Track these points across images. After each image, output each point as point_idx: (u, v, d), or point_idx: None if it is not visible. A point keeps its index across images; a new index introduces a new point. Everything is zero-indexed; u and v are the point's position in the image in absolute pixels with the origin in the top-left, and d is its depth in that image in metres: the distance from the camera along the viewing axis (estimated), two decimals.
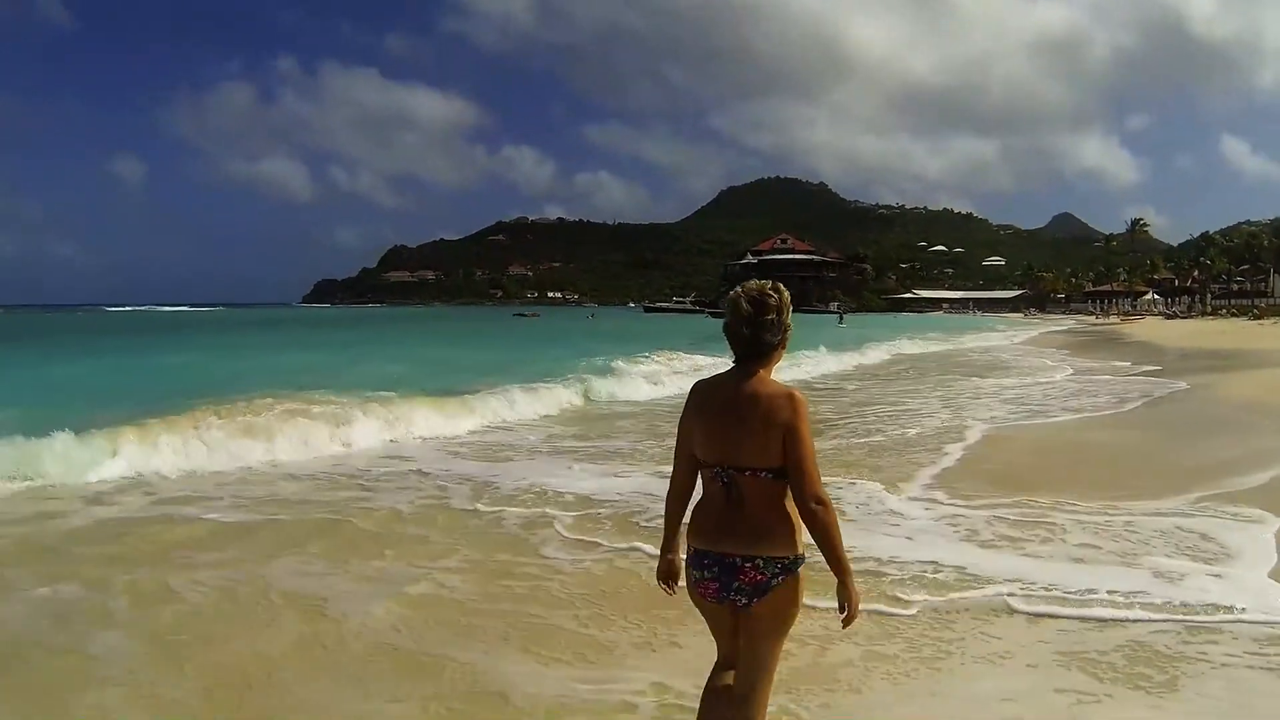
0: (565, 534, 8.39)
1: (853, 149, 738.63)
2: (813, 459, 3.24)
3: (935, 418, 16.99)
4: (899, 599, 6.37)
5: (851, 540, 6.19)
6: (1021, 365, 33.42)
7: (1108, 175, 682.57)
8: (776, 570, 3.28)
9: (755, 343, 3.33)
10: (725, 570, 3.31)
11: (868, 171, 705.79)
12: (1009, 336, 62.13)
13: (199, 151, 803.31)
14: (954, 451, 12.94)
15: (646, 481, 10.68)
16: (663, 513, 3.68)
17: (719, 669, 3.58)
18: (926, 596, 6.43)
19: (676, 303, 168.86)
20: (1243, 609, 5.99)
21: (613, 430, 15.85)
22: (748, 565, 3.28)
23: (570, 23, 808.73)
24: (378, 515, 9.22)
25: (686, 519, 3.50)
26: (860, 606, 3.41)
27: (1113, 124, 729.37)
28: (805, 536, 3.33)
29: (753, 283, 3.37)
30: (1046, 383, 25.12)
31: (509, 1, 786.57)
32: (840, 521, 3.35)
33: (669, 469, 3.60)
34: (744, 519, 3.27)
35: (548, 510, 9.35)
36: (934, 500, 9.63)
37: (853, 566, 3.42)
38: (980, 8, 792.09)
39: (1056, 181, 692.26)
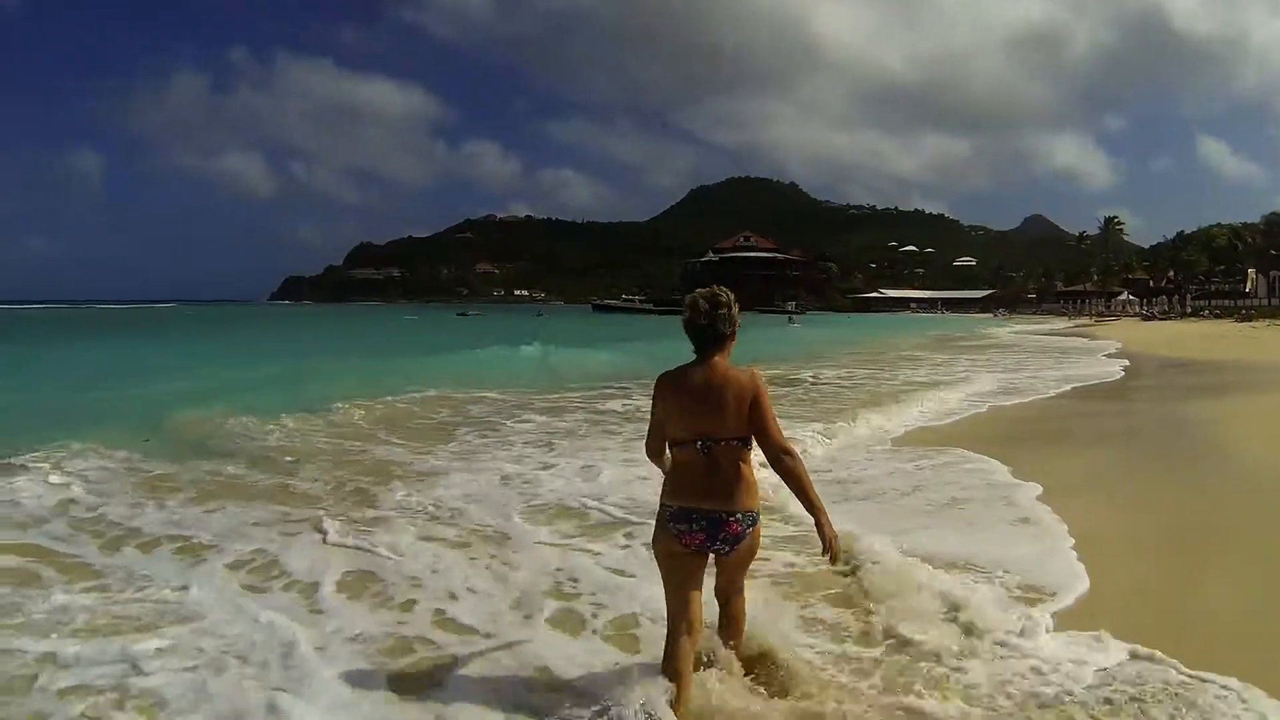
0: None
1: (823, 146, 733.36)
2: (775, 420, 4.08)
3: None
4: None
5: None
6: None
7: (1082, 176, 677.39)
8: (750, 522, 4.12)
9: (713, 335, 4.13)
10: (712, 524, 4.07)
11: (839, 170, 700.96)
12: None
13: (156, 144, 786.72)
14: None
15: None
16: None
17: (675, 635, 4.15)
18: None
19: (625, 301, 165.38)
20: None
21: None
22: (731, 519, 4.07)
23: (528, 10, 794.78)
24: None
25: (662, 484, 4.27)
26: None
27: (1089, 124, 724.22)
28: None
29: (703, 289, 4.16)
30: None
31: None
32: None
33: None
34: (721, 481, 4.06)
35: None
36: None
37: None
38: None
39: (1030, 182, 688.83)
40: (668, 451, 4.29)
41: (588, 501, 8.71)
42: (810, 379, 23.21)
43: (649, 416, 4.40)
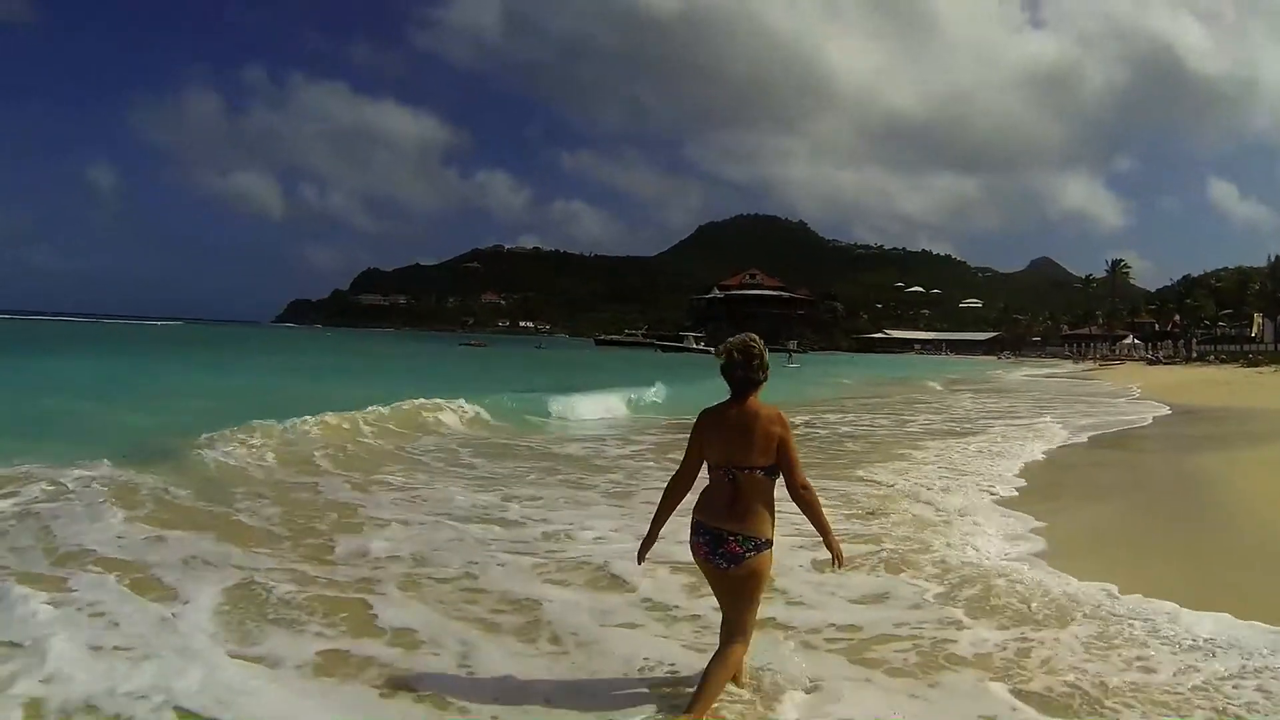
0: None
1: (832, 184, 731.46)
2: (798, 457, 4.72)
3: None
4: None
5: None
6: None
7: (1090, 218, 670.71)
8: (750, 547, 4.61)
9: (747, 380, 4.76)
10: (714, 540, 4.66)
11: (847, 208, 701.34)
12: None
13: (168, 159, 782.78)
14: None
15: None
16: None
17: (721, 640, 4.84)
18: None
19: (628, 336, 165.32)
20: None
21: None
22: (730, 539, 4.61)
23: (541, 35, 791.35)
24: None
25: (692, 500, 4.86)
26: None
27: (1099, 164, 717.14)
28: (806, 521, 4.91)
29: (736, 338, 4.82)
30: None
31: (479, 14, 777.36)
32: None
33: None
34: (739, 504, 4.63)
35: None
36: None
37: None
38: (968, 36, 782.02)
39: (1039, 223, 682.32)
40: (678, 484, 4.98)
41: (616, 563, 7.55)
42: (803, 425, 21.71)
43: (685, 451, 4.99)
